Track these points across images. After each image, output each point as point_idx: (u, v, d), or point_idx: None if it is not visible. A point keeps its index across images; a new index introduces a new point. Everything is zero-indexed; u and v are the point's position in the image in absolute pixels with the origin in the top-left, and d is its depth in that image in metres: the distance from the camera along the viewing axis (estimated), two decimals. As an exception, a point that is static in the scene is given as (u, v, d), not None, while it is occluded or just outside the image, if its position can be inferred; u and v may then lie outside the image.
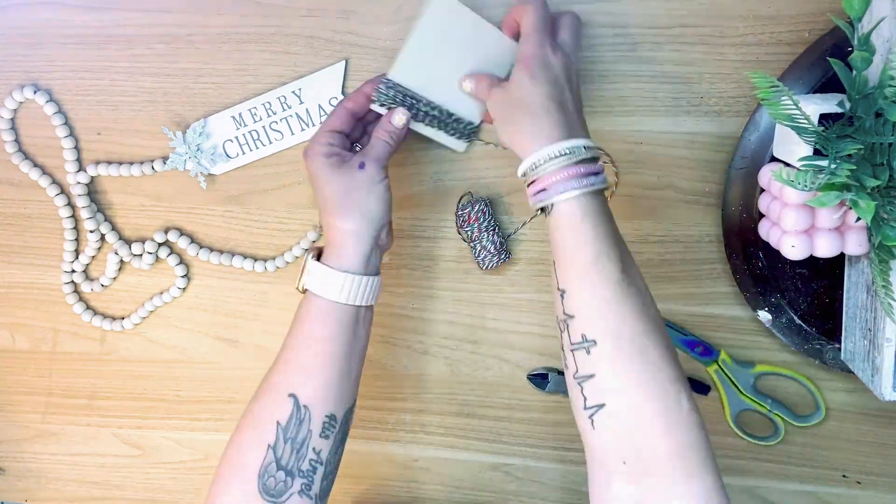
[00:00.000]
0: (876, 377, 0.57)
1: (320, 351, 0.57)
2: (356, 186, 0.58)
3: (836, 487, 0.71)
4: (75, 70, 0.69)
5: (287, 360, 0.58)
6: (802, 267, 0.63)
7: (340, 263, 0.58)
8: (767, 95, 0.51)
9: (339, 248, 0.58)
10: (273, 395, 0.57)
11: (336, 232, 0.58)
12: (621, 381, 0.49)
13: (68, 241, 0.73)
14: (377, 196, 0.58)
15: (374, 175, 0.58)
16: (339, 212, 0.58)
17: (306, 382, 0.57)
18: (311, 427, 0.56)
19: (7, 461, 0.81)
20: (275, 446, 0.55)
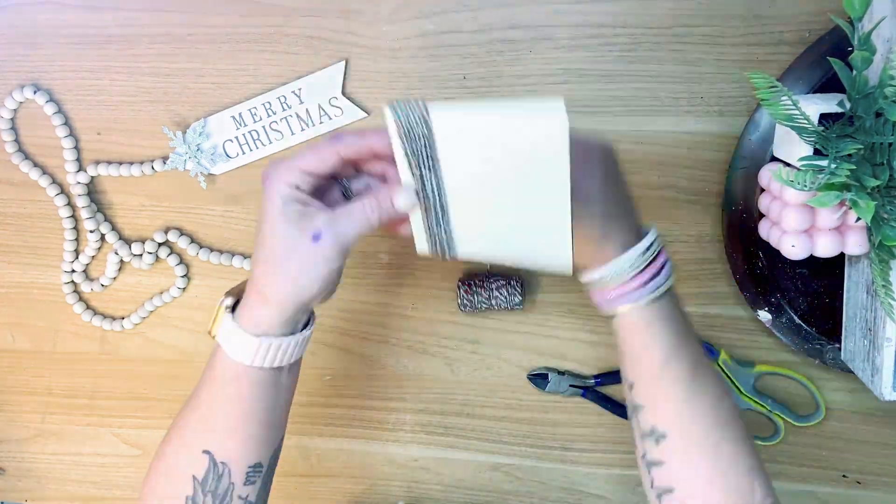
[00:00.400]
0: (876, 377, 0.57)
1: (238, 411, 0.51)
2: (298, 257, 0.47)
3: (836, 487, 0.71)
4: (75, 70, 0.69)
5: (200, 414, 0.52)
6: (802, 267, 0.63)
7: (255, 327, 0.49)
8: (767, 96, 0.51)
9: (254, 310, 0.49)
10: (186, 449, 0.52)
11: (255, 291, 0.49)
12: (690, 474, 0.49)
13: (68, 241, 0.73)
14: (318, 277, 0.48)
15: (326, 253, 0.47)
16: (266, 272, 0.49)
17: (221, 441, 0.51)
18: (232, 480, 0.51)
19: (7, 461, 0.82)
20: (194, 498, 0.51)
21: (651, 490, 0.50)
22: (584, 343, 0.70)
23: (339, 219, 0.48)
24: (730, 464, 0.49)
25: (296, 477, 0.78)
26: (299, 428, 0.76)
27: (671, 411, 0.50)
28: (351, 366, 0.74)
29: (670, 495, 0.49)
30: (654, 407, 0.50)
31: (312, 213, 0.48)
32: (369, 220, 0.48)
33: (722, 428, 0.49)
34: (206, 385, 0.52)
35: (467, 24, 0.64)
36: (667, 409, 0.50)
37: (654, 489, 0.50)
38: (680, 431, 0.49)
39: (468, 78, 0.66)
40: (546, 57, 0.64)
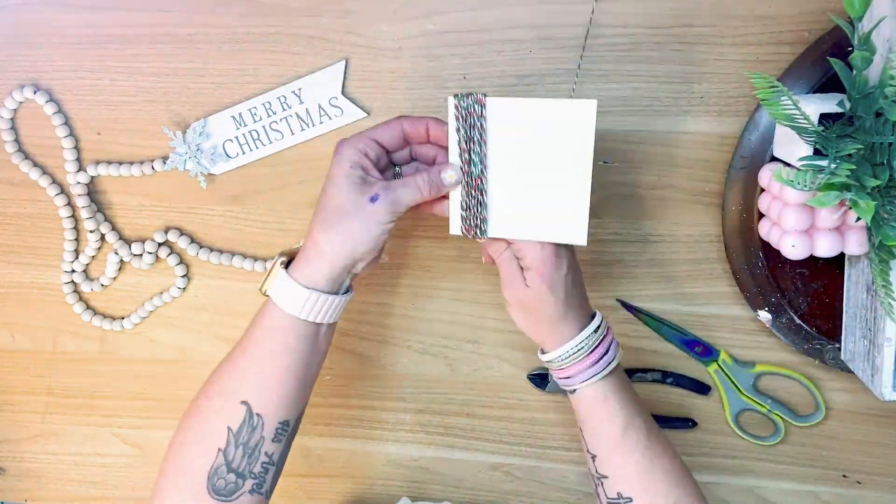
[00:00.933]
0: (876, 377, 0.57)
1: (278, 364, 0.56)
2: (356, 215, 0.54)
3: (836, 487, 0.71)
4: (75, 70, 0.69)
5: (242, 367, 0.56)
6: (802, 267, 0.63)
7: (307, 279, 0.55)
8: (767, 95, 0.51)
9: (309, 263, 0.55)
10: (224, 400, 0.56)
11: (313, 244, 0.55)
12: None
13: (68, 241, 0.73)
14: (370, 237, 0.54)
15: (380, 216, 0.54)
16: (325, 227, 0.54)
17: (261, 392, 0.55)
18: (263, 434, 0.55)
19: (7, 461, 0.82)
20: (225, 451, 0.55)
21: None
22: (584, 343, 0.70)
23: (394, 187, 0.55)
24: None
25: (296, 477, 0.78)
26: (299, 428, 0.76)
27: (633, 477, 0.56)
28: (351, 366, 0.74)
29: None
30: (617, 475, 0.57)
31: (372, 181, 0.55)
32: (420, 189, 0.55)
33: (679, 485, 0.57)
34: (250, 339, 0.57)
35: (467, 24, 0.64)
36: (629, 476, 0.56)
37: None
38: (644, 493, 0.56)
39: (468, 78, 0.65)
40: (546, 57, 0.64)
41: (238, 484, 0.55)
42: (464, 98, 0.54)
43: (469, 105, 0.54)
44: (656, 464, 0.56)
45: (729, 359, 0.68)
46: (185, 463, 0.56)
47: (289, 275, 0.55)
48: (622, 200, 0.67)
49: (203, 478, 0.54)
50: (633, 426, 0.57)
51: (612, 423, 0.57)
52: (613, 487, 0.57)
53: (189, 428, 0.57)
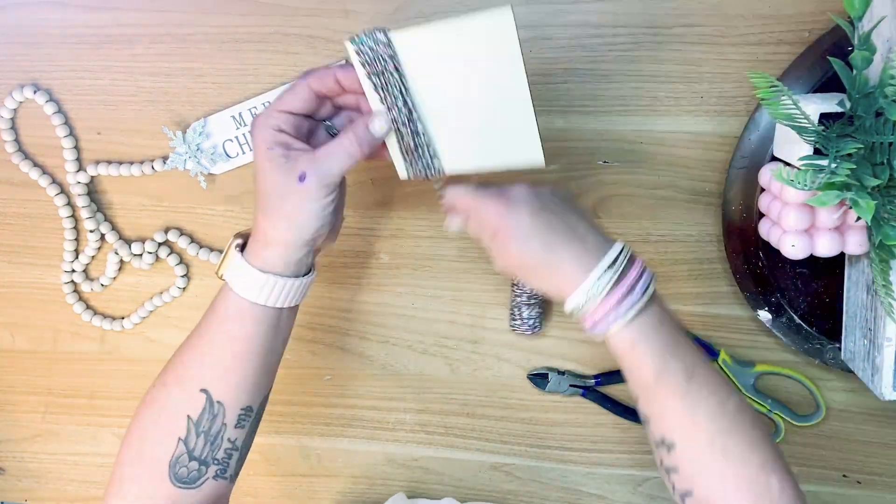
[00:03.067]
0: (876, 377, 0.57)
1: (238, 350, 0.53)
2: (290, 198, 0.50)
3: (836, 487, 0.71)
4: (75, 70, 0.69)
5: (200, 353, 0.54)
6: (802, 266, 0.63)
7: (262, 264, 0.52)
8: (767, 95, 0.51)
9: (261, 249, 0.52)
10: (182, 388, 0.54)
11: (260, 231, 0.52)
12: (704, 477, 0.50)
13: (68, 241, 0.73)
14: (313, 216, 0.51)
15: (314, 193, 0.50)
16: (266, 214, 0.52)
17: (221, 379, 0.53)
18: (225, 421, 0.54)
19: (7, 461, 0.81)
20: (186, 439, 0.53)
21: (674, 493, 0.52)
22: (584, 343, 0.70)
23: (321, 158, 0.50)
24: (740, 462, 0.49)
25: (296, 477, 0.78)
26: (299, 428, 0.76)
27: (674, 422, 0.50)
28: (351, 366, 0.74)
29: (691, 497, 0.50)
30: (658, 419, 0.51)
31: (297, 156, 0.50)
32: (349, 153, 0.51)
33: (727, 431, 0.49)
34: (208, 324, 0.55)
35: (467, 24, 0.64)
36: (670, 421, 0.51)
37: (676, 492, 0.51)
38: (686, 440, 0.50)
39: (468, 78, 0.65)
40: (546, 57, 0.64)
41: (201, 471, 0.54)
42: (363, 41, 0.48)
43: (372, 46, 0.49)
44: (699, 409, 0.50)
45: (729, 359, 0.68)
46: (144, 452, 0.54)
47: (245, 259, 0.53)
48: (622, 200, 0.67)
49: (164, 467, 0.53)
50: (667, 371, 0.50)
51: (645, 370, 0.51)
52: (657, 431, 0.52)
53: (146, 417, 0.55)
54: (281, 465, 0.78)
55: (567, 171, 0.67)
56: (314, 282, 0.56)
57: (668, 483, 0.52)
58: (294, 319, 0.57)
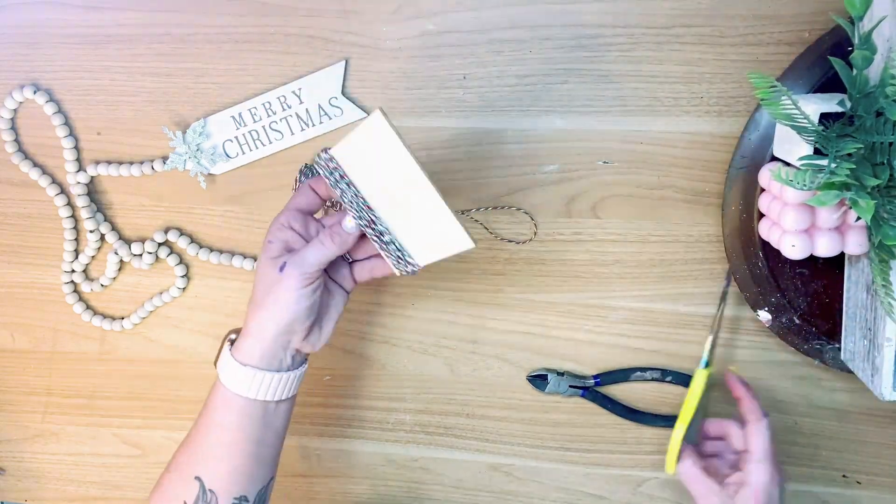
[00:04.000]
0: (876, 377, 0.57)
1: (225, 439, 0.56)
2: (273, 289, 0.54)
3: (836, 487, 0.71)
4: (75, 70, 0.69)
5: (194, 441, 0.57)
6: (802, 267, 0.63)
7: (243, 357, 0.55)
8: (767, 95, 0.51)
9: (242, 341, 0.56)
10: (179, 474, 0.56)
11: (245, 324, 0.56)
12: None
13: (68, 241, 0.73)
14: (288, 306, 0.54)
15: (292, 282, 0.53)
16: (253, 307, 0.55)
17: (211, 467, 0.55)
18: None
19: (7, 461, 0.81)
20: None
21: None
22: (583, 343, 0.70)
23: (301, 252, 0.54)
24: None
25: (296, 477, 0.78)
26: (299, 428, 0.76)
27: None
28: (351, 366, 0.74)
29: None
30: None
31: (285, 254, 0.55)
32: (324, 245, 0.54)
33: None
34: (202, 414, 0.58)
35: (467, 24, 0.64)
36: None
37: None
38: None
39: (468, 78, 0.66)
40: (546, 57, 0.64)
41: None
42: (318, 158, 0.55)
43: (322, 162, 0.55)
44: None
45: None
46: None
47: (230, 352, 0.56)
48: (622, 200, 0.67)
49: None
50: None
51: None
52: None
53: (154, 496, 0.58)
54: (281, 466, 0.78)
55: (567, 171, 0.67)
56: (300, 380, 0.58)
57: None
58: (289, 413, 0.59)
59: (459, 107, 0.66)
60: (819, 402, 0.69)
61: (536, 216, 0.68)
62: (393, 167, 0.52)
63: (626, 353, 0.70)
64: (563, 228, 0.68)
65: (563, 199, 0.67)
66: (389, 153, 0.52)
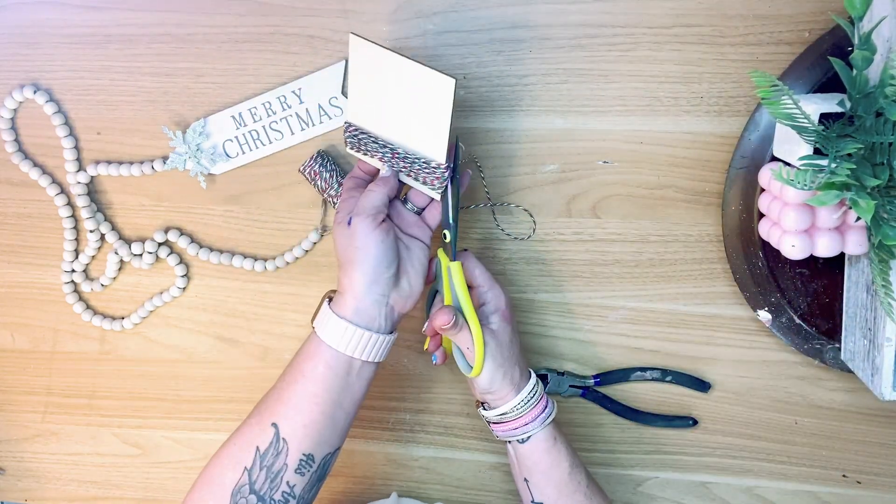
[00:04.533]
0: (876, 377, 0.57)
1: (306, 390, 0.57)
2: (349, 244, 0.58)
3: (836, 487, 0.71)
4: (75, 70, 0.69)
5: (278, 388, 0.59)
6: (802, 266, 0.63)
7: (340, 311, 0.58)
8: (768, 95, 0.51)
9: (339, 297, 0.59)
10: (258, 420, 0.58)
11: (339, 285, 0.59)
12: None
13: (68, 241, 0.73)
14: (364, 251, 0.57)
15: (360, 228, 0.57)
16: (340, 272, 0.59)
17: (288, 416, 0.57)
18: (286, 461, 0.56)
19: (7, 461, 0.81)
20: (250, 470, 0.56)
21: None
22: (583, 343, 0.70)
23: (359, 203, 0.59)
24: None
25: (296, 477, 0.78)
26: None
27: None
28: (351, 366, 0.74)
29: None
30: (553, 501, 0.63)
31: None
32: (374, 191, 0.59)
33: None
34: (290, 365, 0.60)
35: (467, 24, 0.64)
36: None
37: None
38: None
39: (468, 78, 0.66)
40: (546, 57, 0.64)
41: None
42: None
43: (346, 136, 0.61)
44: (595, 500, 0.64)
45: None
46: (213, 476, 0.57)
47: (328, 306, 0.59)
48: (622, 200, 0.67)
49: (227, 493, 0.56)
50: (576, 466, 0.64)
51: (561, 464, 0.63)
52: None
53: (226, 445, 0.59)
54: (281, 465, 0.78)
55: (567, 171, 0.67)
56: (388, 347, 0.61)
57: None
58: (369, 382, 0.61)
59: (459, 107, 0.66)
60: (819, 402, 0.69)
61: (536, 216, 0.68)
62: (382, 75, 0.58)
63: (626, 353, 0.70)
64: (563, 228, 0.68)
65: (563, 198, 0.67)
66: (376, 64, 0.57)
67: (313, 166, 0.66)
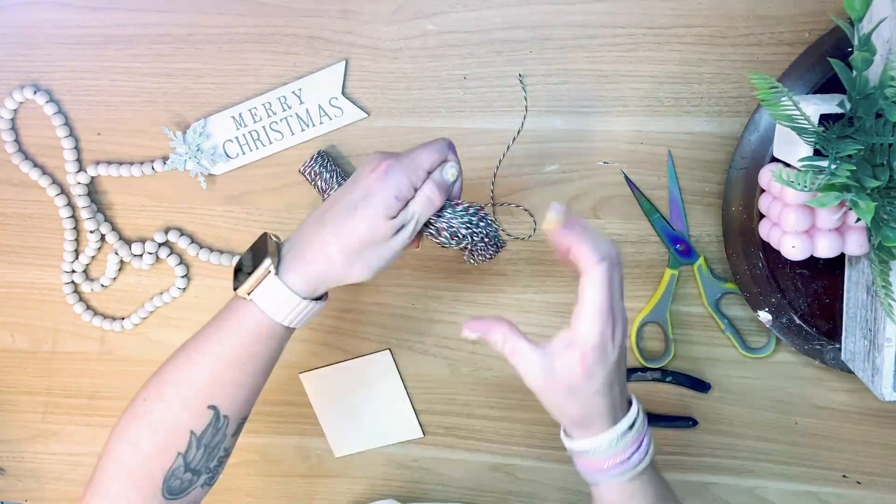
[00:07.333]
0: (876, 377, 0.57)
1: (254, 368, 0.54)
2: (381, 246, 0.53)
3: (836, 487, 0.71)
4: (75, 70, 0.69)
5: (211, 371, 0.53)
6: (803, 267, 0.63)
7: (306, 290, 0.53)
8: (767, 96, 0.51)
9: (315, 277, 0.53)
10: (187, 404, 0.53)
11: (325, 262, 0.53)
12: None
13: (68, 241, 0.73)
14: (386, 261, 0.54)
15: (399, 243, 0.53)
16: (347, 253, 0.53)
17: (231, 396, 0.54)
18: (226, 432, 0.55)
19: (7, 461, 0.82)
20: (186, 453, 0.53)
21: None
22: (584, 343, 0.70)
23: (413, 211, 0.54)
24: None
25: (296, 477, 0.78)
26: (299, 428, 0.76)
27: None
28: (351, 366, 0.74)
29: None
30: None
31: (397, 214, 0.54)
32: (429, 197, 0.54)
33: None
34: (223, 343, 0.54)
35: (467, 24, 0.64)
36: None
37: None
38: None
39: (468, 78, 0.66)
40: (546, 57, 0.64)
41: (192, 481, 0.54)
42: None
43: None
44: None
45: (706, 267, 0.67)
46: (135, 465, 0.53)
47: (284, 283, 0.52)
48: (622, 200, 0.67)
49: (158, 481, 0.53)
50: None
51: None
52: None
53: (138, 429, 0.53)
54: (281, 466, 0.78)
55: (567, 171, 0.67)
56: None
57: None
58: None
59: (459, 107, 0.66)
60: (819, 402, 0.69)
61: (537, 216, 0.68)
62: None
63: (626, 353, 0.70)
64: (563, 229, 0.68)
65: (563, 199, 0.67)
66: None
67: (313, 167, 0.66)
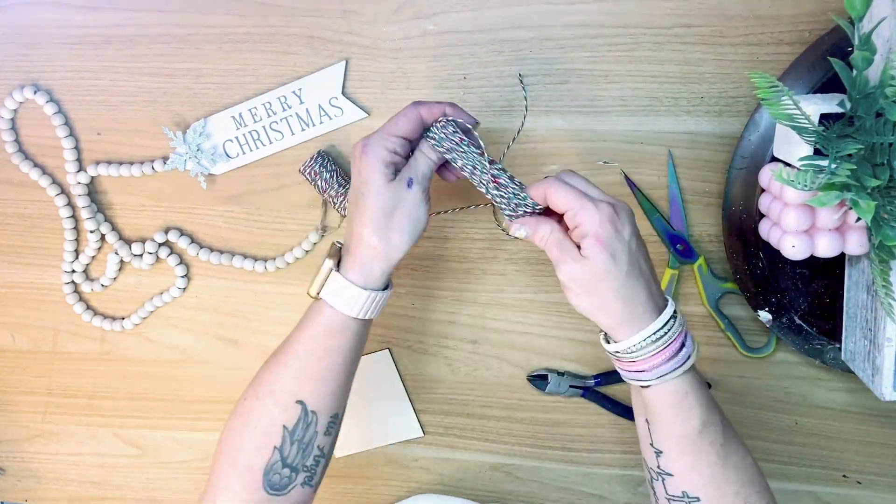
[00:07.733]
0: (876, 377, 0.57)
1: (333, 362, 0.57)
2: (401, 206, 0.55)
3: (836, 487, 0.71)
4: (75, 70, 0.69)
5: (295, 368, 0.57)
6: (803, 267, 0.63)
7: (364, 280, 0.56)
8: (767, 95, 0.51)
9: (364, 265, 0.56)
10: (276, 400, 0.57)
11: (365, 248, 0.55)
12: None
13: (68, 241, 0.73)
14: (421, 219, 0.56)
15: (419, 197, 0.55)
16: (377, 229, 0.55)
17: (315, 390, 0.57)
18: (317, 429, 0.57)
19: (7, 461, 0.82)
20: (281, 448, 0.56)
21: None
22: (583, 343, 0.70)
23: (413, 167, 0.56)
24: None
25: (296, 477, 0.78)
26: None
27: (705, 476, 0.53)
28: (351, 366, 0.74)
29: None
30: (685, 473, 0.53)
31: (402, 169, 0.56)
32: (429, 158, 0.56)
33: (750, 484, 0.54)
34: (300, 339, 0.58)
35: (467, 24, 0.64)
36: (700, 475, 0.53)
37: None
38: (713, 494, 0.53)
39: (468, 78, 0.66)
40: (546, 57, 0.64)
41: (291, 478, 0.57)
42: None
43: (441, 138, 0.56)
44: (730, 462, 0.53)
45: (706, 267, 0.67)
46: (240, 463, 0.57)
47: (346, 278, 0.56)
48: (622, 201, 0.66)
49: (259, 476, 0.56)
50: (711, 424, 0.53)
51: (690, 422, 0.53)
52: (679, 485, 0.54)
53: (239, 428, 0.58)
54: (281, 465, 0.78)
55: (567, 171, 0.67)
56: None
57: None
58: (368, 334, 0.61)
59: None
60: (819, 402, 0.69)
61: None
62: None
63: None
64: (563, 228, 0.68)
65: (563, 199, 0.67)
66: None
67: (313, 166, 0.66)
